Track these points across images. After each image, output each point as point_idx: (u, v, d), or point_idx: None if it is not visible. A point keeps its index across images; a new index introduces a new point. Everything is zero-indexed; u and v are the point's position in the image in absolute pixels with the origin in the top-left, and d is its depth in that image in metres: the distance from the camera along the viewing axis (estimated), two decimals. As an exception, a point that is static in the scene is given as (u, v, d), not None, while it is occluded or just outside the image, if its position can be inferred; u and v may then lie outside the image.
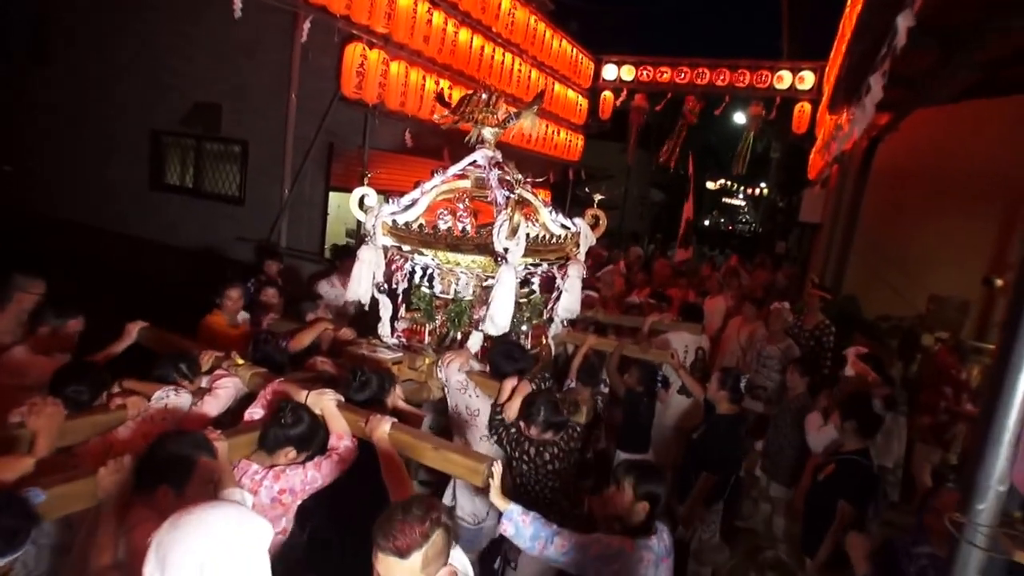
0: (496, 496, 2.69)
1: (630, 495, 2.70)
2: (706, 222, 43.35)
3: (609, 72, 12.88)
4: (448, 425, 3.94)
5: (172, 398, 2.87)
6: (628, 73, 12.72)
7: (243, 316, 4.70)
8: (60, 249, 10.10)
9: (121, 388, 2.87)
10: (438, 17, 7.89)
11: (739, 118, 14.26)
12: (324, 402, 2.84)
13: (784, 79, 11.58)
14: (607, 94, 13.00)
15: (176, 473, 2.22)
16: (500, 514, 3.50)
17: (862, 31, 4.28)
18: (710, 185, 41.55)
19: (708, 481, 4.17)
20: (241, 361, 3.27)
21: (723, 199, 47.09)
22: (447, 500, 3.76)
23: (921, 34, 3.83)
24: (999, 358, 1.73)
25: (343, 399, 2.95)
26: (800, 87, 11.51)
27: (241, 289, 4.72)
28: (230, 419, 3.03)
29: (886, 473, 5.18)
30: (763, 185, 26.70)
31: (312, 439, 2.66)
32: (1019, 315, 1.66)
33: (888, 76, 3.28)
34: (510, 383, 3.53)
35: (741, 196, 46.84)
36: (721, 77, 11.93)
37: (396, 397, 3.34)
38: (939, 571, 2.56)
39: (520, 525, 2.65)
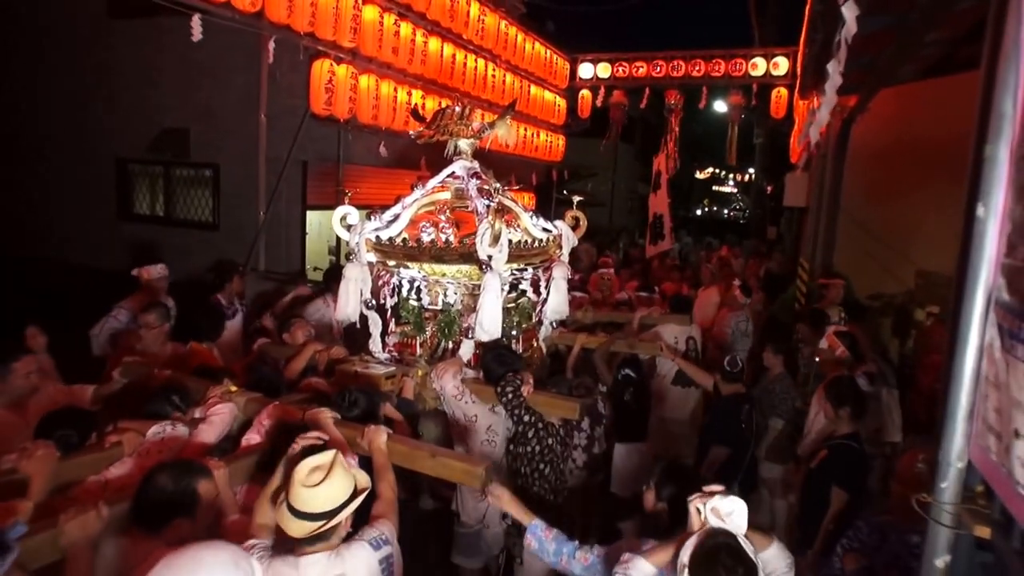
0: (517, 510, 2.75)
1: (652, 496, 2.76)
2: (698, 212, 43.57)
3: (585, 71, 12.92)
4: (447, 434, 4.06)
5: (168, 431, 2.89)
6: (604, 70, 12.76)
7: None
8: (26, 287, 9.95)
9: (115, 428, 2.88)
10: (406, 28, 7.85)
11: (721, 107, 14.32)
12: (321, 421, 2.89)
13: (759, 66, 11.63)
14: (585, 93, 13.04)
15: (178, 505, 2.24)
16: (501, 519, 3.66)
17: (816, 20, 4.38)
18: (699, 175, 41.78)
19: (719, 453, 4.23)
20: (234, 388, 3.32)
21: (713, 187, 47.32)
22: (453, 507, 3.93)
23: (875, 15, 3.91)
24: (950, 336, 1.77)
25: (339, 416, 3.01)
26: (775, 73, 11.54)
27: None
28: (230, 446, 3.08)
29: (896, 447, 5.20)
30: (751, 171, 26.85)
31: None
32: (962, 297, 1.70)
33: (846, 62, 3.37)
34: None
35: (731, 183, 47.06)
36: (696, 68, 11.98)
37: (385, 405, 3.44)
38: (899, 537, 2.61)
39: (543, 540, 2.65)
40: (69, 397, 3.58)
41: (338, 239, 9.13)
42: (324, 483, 2.09)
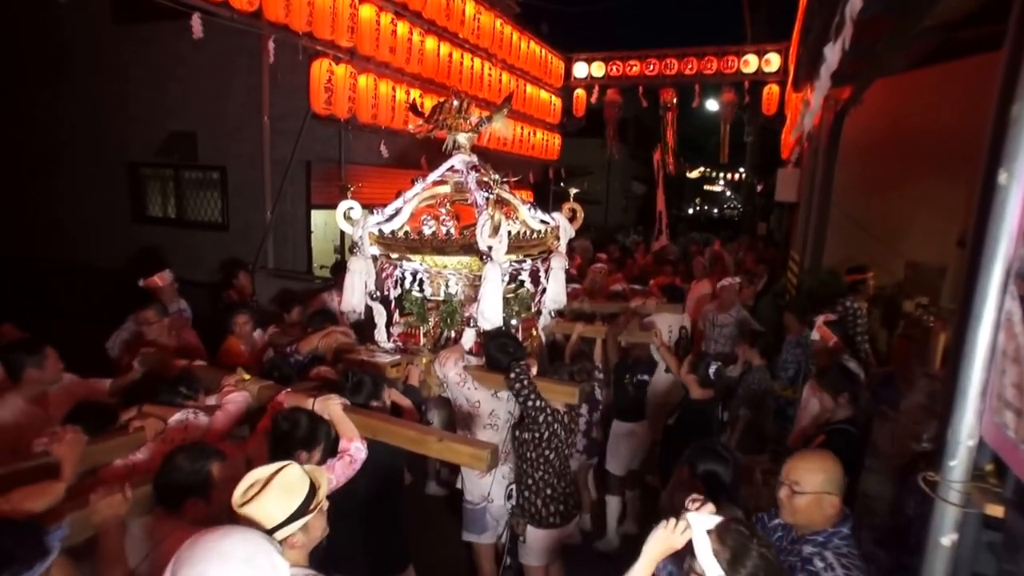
0: None
1: (687, 474, 2.76)
2: (691, 211, 43.77)
3: (580, 70, 12.99)
4: (451, 418, 4.19)
5: (191, 419, 2.94)
6: (598, 69, 12.83)
7: (258, 333, 4.95)
8: (45, 288, 10.16)
9: (140, 412, 2.94)
10: (403, 27, 7.88)
11: (713, 106, 14.40)
12: (330, 407, 2.92)
13: (750, 63, 11.72)
14: (580, 92, 13.12)
15: (193, 485, 2.29)
16: (506, 499, 3.73)
17: (814, 2, 4.32)
18: (690, 174, 41.89)
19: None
20: (247, 376, 3.35)
21: (705, 187, 47.46)
22: (458, 484, 4.05)
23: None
24: (961, 314, 1.73)
25: (348, 403, 3.05)
26: (767, 69, 11.64)
27: (248, 314, 4.95)
28: (246, 433, 3.11)
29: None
30: (741, 170, 27.00)
31: (314, 437, 2.73)
32: (978, 270, 1.65)
33: (846, 45, 3.38)
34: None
35: (722, 182, 47.19)
36: (689, 66, 12.05)
37: (392, 392, 3.53)
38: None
39: None
40: (87, 389, 3.64)
41: (342, 237, 9.24)
42: (252, 502, 1.95)
